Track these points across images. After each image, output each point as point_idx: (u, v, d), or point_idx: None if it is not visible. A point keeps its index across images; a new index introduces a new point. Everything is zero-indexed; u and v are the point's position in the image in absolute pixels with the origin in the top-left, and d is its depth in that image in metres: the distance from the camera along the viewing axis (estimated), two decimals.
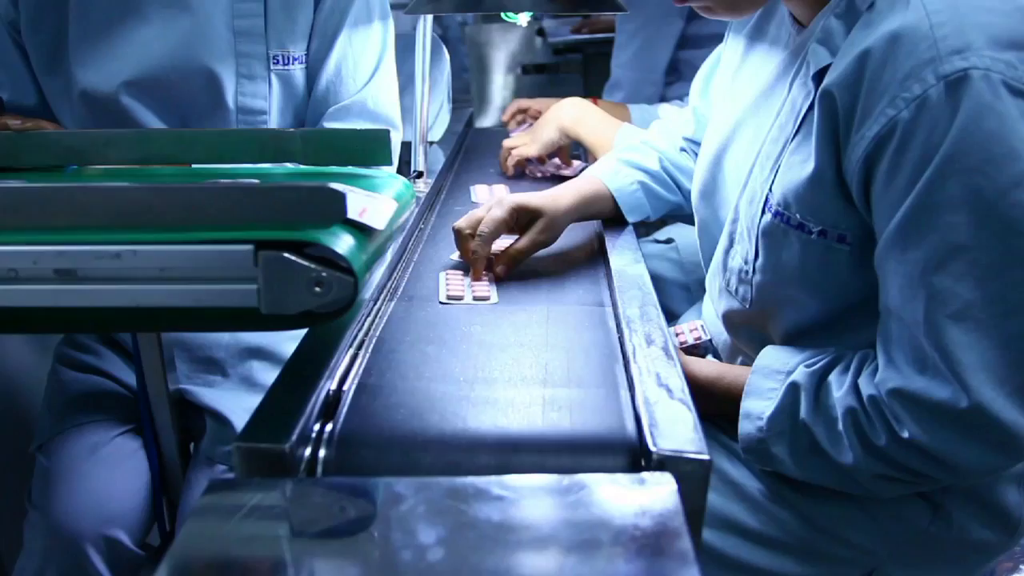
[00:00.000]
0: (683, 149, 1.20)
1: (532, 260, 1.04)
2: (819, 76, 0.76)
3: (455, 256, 1.03)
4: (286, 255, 0.62)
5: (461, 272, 1.00)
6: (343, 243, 0.65)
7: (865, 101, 0.70)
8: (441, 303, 0.92)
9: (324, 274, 0.63)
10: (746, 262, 0.87)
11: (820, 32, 0.77)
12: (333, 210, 0.64)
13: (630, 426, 0.66)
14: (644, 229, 1.86)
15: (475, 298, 0.92)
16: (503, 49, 2.61)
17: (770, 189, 0.82)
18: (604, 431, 0.66)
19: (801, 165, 0.78)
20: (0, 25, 1.15)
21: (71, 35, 1.12)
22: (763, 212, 0.83)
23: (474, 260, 0.98)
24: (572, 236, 1.12)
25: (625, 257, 1.03)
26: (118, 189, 0.66)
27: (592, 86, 2.71)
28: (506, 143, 1.48)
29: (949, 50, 0.66)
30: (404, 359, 0.78)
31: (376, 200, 0.76)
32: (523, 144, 1.45)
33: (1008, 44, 0.66)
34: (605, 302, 0.93)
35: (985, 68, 0.65)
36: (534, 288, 0.96)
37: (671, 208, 1.22)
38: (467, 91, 2.95)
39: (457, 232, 1.00)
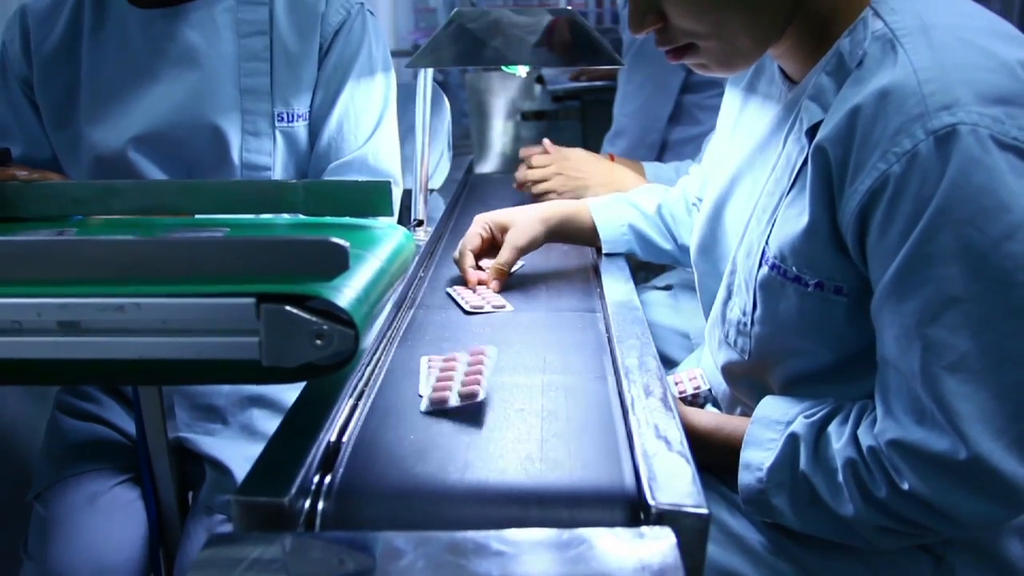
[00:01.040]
0: (694, 204, 1.22)
1: (529, 306, 1.05)
2: (812, 131, 0.78)
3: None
4: (288, 308, 0.63)
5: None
6: (344, 296, 0.65)
7: (857, 155, 0.72)
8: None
9: (325, 327, 0.63)
10: (744, 314, 0.87)
11: (812, 89, 0.79)
12: (335, 263, 0.65)
13: (629, 479, 0.66)
14: (644, 275, 1.87)
15: (472, 306, 1.01)
16: (503, 96, 2.65)
17: (767, 242, 0.83)
18: (603, 484, 0.66)
19: (797, 218, 0.79)
20: (14, 82, 1.18)
21: (82, 92, 1.15)
22: (760, 265, 0.84)
23: (462, 271, 1.10)
24: (570, 281, 1.13)
25: (623, 305, 1.03)
26: (122, 243, 0.66)
27: (590, 132, 2.74)
28: (535, 184, 1.53)
29: (937, 106, 0.67)
30: (403, 409, 0.79)
31: None
32: (552, 191, 1.51)
33: (994, 100, 0.67)
34: (603, 350, 0.93)
35: (973, 123, 0.66)
36: (531, 336, 0.97)
37: (666, 257, 1.24)
38: (467, 136, 2.99)
39: (455, 261, 1.13)
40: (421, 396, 0.81)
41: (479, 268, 1.12)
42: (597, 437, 0.73)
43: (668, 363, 1.45)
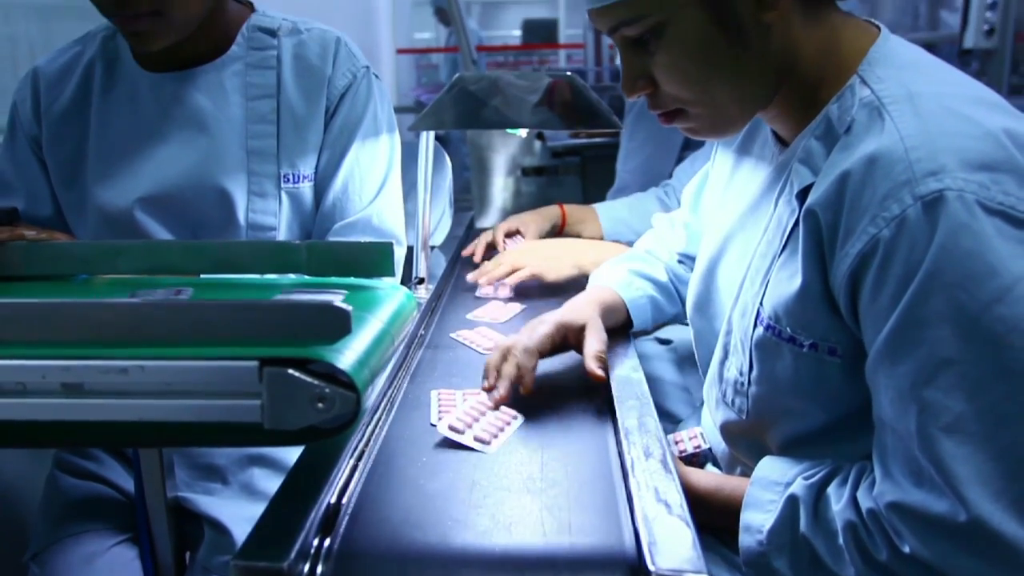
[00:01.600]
0: (681, 262, 1.23)
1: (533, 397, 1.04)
2: (802, 194, 0.79)
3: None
4: (290, 371, 0.63)
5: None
6: (346, 359, 0.66)
7: (847, 220, 0.73)
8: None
9: (327, 390, 0.64)
10: (741, 373, 0.88)
11: (802, 152, 0.81)
12: (338, 327, 0.66)
13: (629, 543, 0.66)
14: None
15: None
16: (503, 152, 2.68)
17: (761, 303, 0.84)
18: (603, 548, 0.66)
19: (789, 280, 0.80)
20: (23, 139, 1.20)
21: (90, 152, 1.16)
22: (755, 325, 0.85)
23: (502, 375, 0.95)
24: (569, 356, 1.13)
25: (623, 364, 1.04)
26: (127, 305, 0.67)
27: (590, 187, 2.77)
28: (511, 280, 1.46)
29: (924, 172, 0.69)
30: (403, 471, 0.79)
31: None
32: (530, 264, 1.44)
33: (979, 166, 0.69)
34: (603, 410, 0.93)
35: (959, 189, 0.68)
36: (530, 397, 0.97)
37: (669, 319, 1.25)
38: (468, 190, 3.02)
39: (493, 352, 0.99)
40: (434, 424, 0.89)
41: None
42: (597, 499, 0.73)
43: (670, 418, 1.45)
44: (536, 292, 1.43)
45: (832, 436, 0.84)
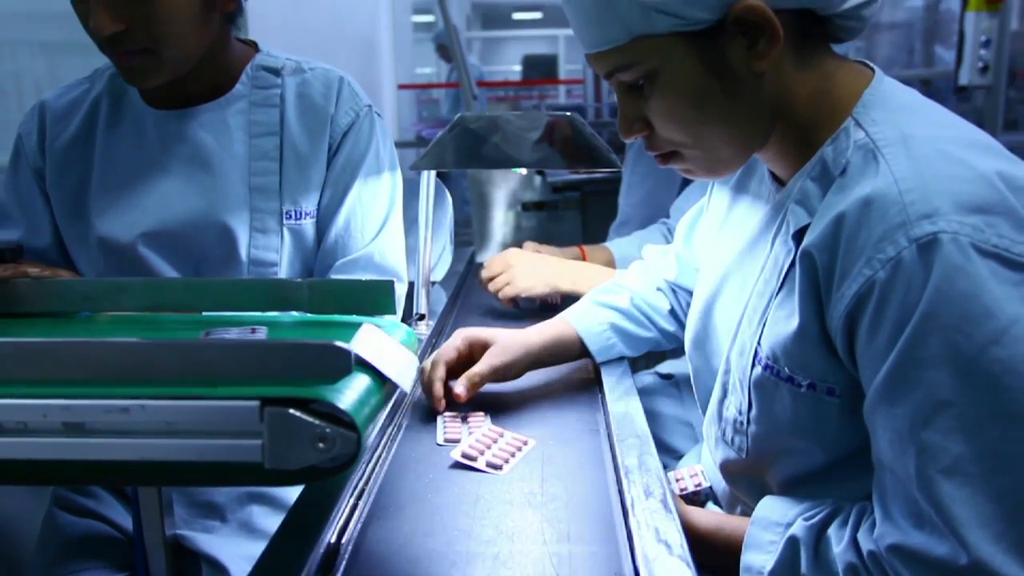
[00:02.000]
0: (659, 289, 1.24)
1: (527, 402, 1.05)
2: (799, 235, 0.80)
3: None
4: (291, 411, 0.64)
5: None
6: (347, 398, 0.66)
7: (843, 261, 0.74)
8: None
9: (328, 430, 0.64)
10: (740, 412, 0.88)
11: (797, 193, 0.82)
12: (339, 366, 0.66)
13: None
14: (644, 362, 1.88)
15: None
16: (504, 187, 2.70)
17: (759, 342, 0.85)
18: None
19: (786, 320, 0.81)
20: (26, 171, 1.21)
21: (94, 185, 1.17)
22: (753, 365, 0.85)
23: (429, 382, 1.05)
24: (568, 376, 1.14)
25: (622, 401, 1.04)
26: (129, 345, 0.68)
27: (590, 222, 2.79)
28: (490, 285, 1.52)
29: (918, 215, 0.70)
30: (403, 510, 0.79)
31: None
32: (506, 285, 1.49)
33: (972, 209, 0.69)
34: (603, 449, 0.93)
35: (953, 232, 0.68)
36: (529, 432, 0.97)
37: (650, 345, 1.25)
38: (468, 224, 3.04)
39: (420, 371, 1.07)
40: (440, 444, 0.94)
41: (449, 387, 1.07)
42: (598, 539, 0.73)
43: (671, 453, 1.45)
44: (515, 315, 1.46)
45: (833, 475, 0.84)
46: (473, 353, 1.11)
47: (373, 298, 0.91)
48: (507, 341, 1.11)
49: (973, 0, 2.89)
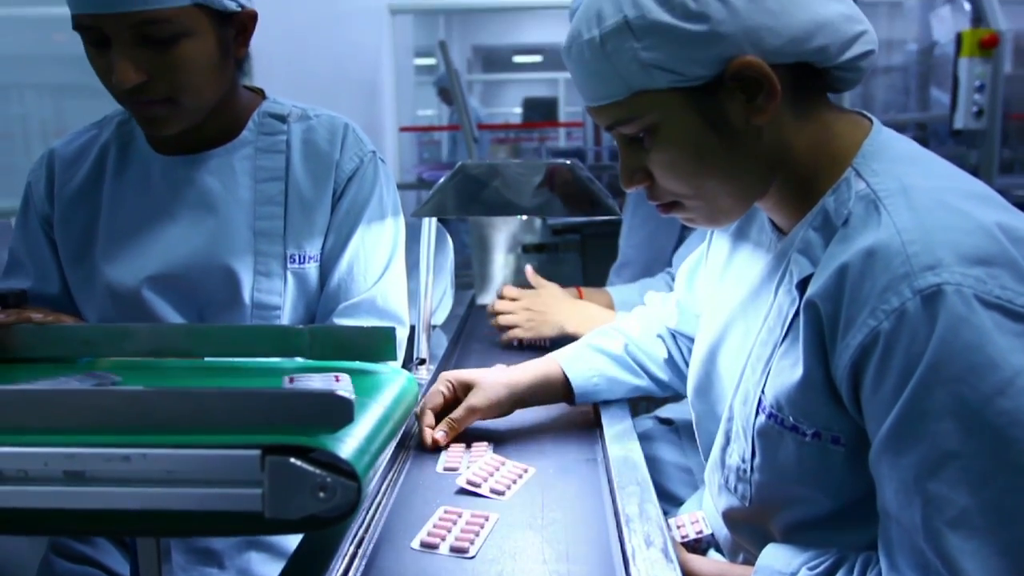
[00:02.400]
0: (659, 336, 1.24)
1: (527, 449, 1.06)
2: (802, 284, 0.80)
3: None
4: (292, 460, 0.64)
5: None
6: (347, 446, 0.67)
7: (847, 312, 0.74)
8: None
9: (329, 479, 0.64)
10: (743, 461, 0.88)
11: (800, 243, 0.83)
12: (340, 415, 0.66)
13: None
14: (644, 405, 1.88)
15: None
16: (504, 230, 2.72)
17: (762, 391, 0.85)
18: None
19: (791, 369, 0.81)
20: (34, 219, 1.22)
21: (100, 231, 1.19)
22: (757, 413, 0.85)
23: (420, 430, 1.09)
24: (568, 422, 1.14)
25: (622, 446, 1.04)
26: (130, 393, 0.68)
27: (590, 264, 2.81)
28: (501, 318, 1.56)
29: (921, 266, 0.70)
30: (402, 560, 0.78)
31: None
32: (517, 327, 1.54)
33: (975, 260, 0.70)
34: (604, 496, 0.93)
35: (957, 283, 0.69)
36: (530, 479, 0.97)
37: (639, 392, 1.25)
38: (468, 266, 3.04)
39: (415, 416, 1.11)
40: (440, 472, 0.99)
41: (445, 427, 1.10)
42: (596, 560, 0.72)
43: (671, 499, 1.44)
44: (518, 355, 1.48)
45: (836, 524, 0.83)
46: (458, 395, 1.13)
47: (375, 345, 0.91)
48: (489, 383, 1.13)
49: (966, 46, 2.94)
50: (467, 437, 1.09)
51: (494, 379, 1.14)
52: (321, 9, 3.15)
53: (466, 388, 1.13)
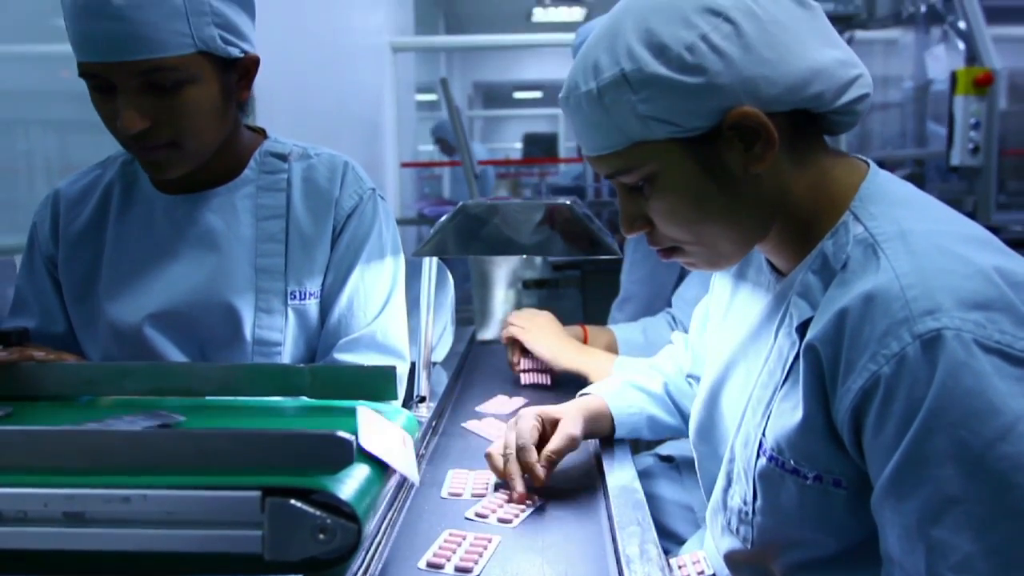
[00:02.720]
0: (688, 377, 1.25)
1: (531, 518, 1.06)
2: (802, 327, 0.81)
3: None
4: (292, 502, 0.64)
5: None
6: (348, 488, 0.67)
7: (848, 355, 0.74)
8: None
9: (329, 521, 0.64)
10: (745, 503, 0.88)
11: (799, 286, 0.83)
12: (341, 456, 0.66)
13: None
14: (645, 442, 1.87)
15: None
16: (504, 266, 2.74)
17: (763, 434, 0.85)
18: None
19: (791, 412, 0.81)
20: (39, 259, 1.23)
21: (103, 269, 1.20)
22: (758, 455, 0.85)
23: (511, 476, 1.04)
24: (569, 461, 1.14)
25: (623, 486, 1.03)
26: (130, 434, 0.68)
27: (590, 300, 2.81)
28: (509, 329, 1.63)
29: (920, 311, 0.71)
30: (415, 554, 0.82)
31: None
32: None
33: (973, 305, 0.70)
34: (604, 536, 0.93)
35: (956, 328, 0.69)
36: (530, 522, 0.97)
37: (671, 432, 1.26)
38: (469, 301, 3.06)
39: (490, 457, 1.08)
40: (444, 498, 1.04)
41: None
42: None
43: (672, 537, 1.43)
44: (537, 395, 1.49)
45: (839, 566, 0.83)
46: (546, 428, 1.12)
47: (376, 384, 0.92)
48: (573, 414, 1.14)
49: (961, 84, 2.98)
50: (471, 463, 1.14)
51: (574, 411, 1.15)
52: (325, 48, 3.20)
53: (554, 421, 1.13)
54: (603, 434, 1.22)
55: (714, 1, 0.78)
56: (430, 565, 0.86)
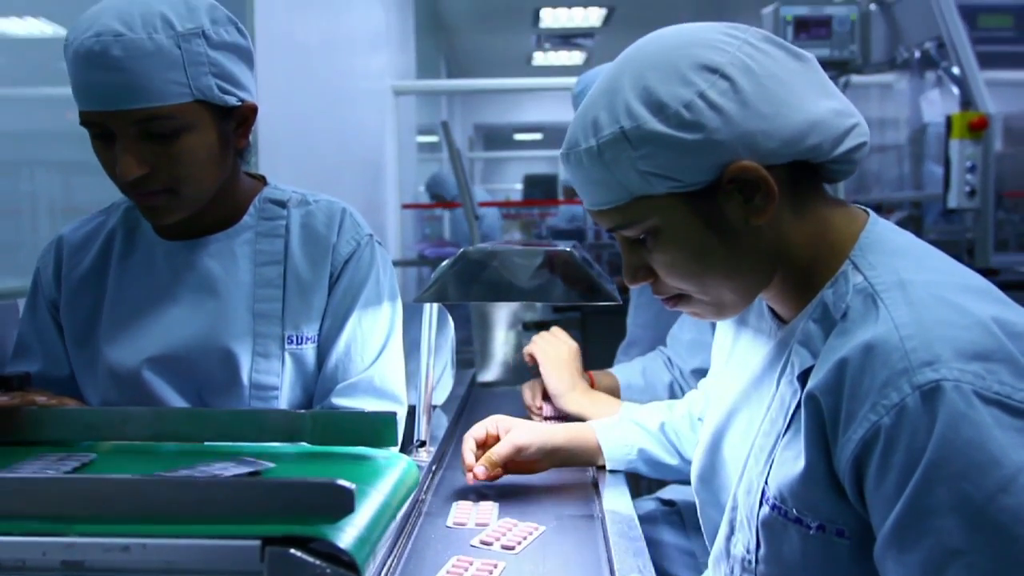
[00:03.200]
0: (700, 420, 1.25)
1: (533, 509, 1.07)
2: (803, 375, 0.81)
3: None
4: (292, 551, 0.64)
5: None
6: (348, 536, 0.66)
7: (848, 405, 0.74)
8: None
9: (328, 570, 0.64)
10: (748, 552, 0.87)
11: (800, 334, 0.83)
12: (341, 505, 0.66)
13: None
14: (647, 486, 1.86)
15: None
16: (505, 307, 2.74)
17: (766, 482, 0.84)
18: None
19: (793, 461, 0.81)
20: (42, 304, 1.24)
21: (104, 314, 1.21)
22: (761, 504, 0.85)
23: (463, 453, 1.21)
24: (569, 502, 1.14)
25: (624, 536, 1.03)
26: (130, 482, 0.68)
27: (591, 342, 2.81)
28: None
29: (920, 362, 0.71)
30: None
31: None
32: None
33: (972, 356, 0.71)
34: (599, 542, 0.93)
35: (955, 379, 0.70)
36: (530, 565, 0.96)
37: (671, 473, 1.26)
38: (469, 343, 3.06)
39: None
40: (450, 527, 1.09)
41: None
42: None
43: None
44: None
45: None
46: (500, 435, 1.22)
47: (375, 430, 0.92)
48: (527, 428, 1.23)
49: (956, 128, 3.01)
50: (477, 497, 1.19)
51: (533, 427, 1.25)
52: (328, 92, 3.24)
53: (507, 430, 1.23)
54: (590, 463, 1.28)
55: (710, 58, 0.80)
56: None
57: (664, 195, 0.82)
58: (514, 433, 1.20)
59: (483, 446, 1.23)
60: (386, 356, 1.27)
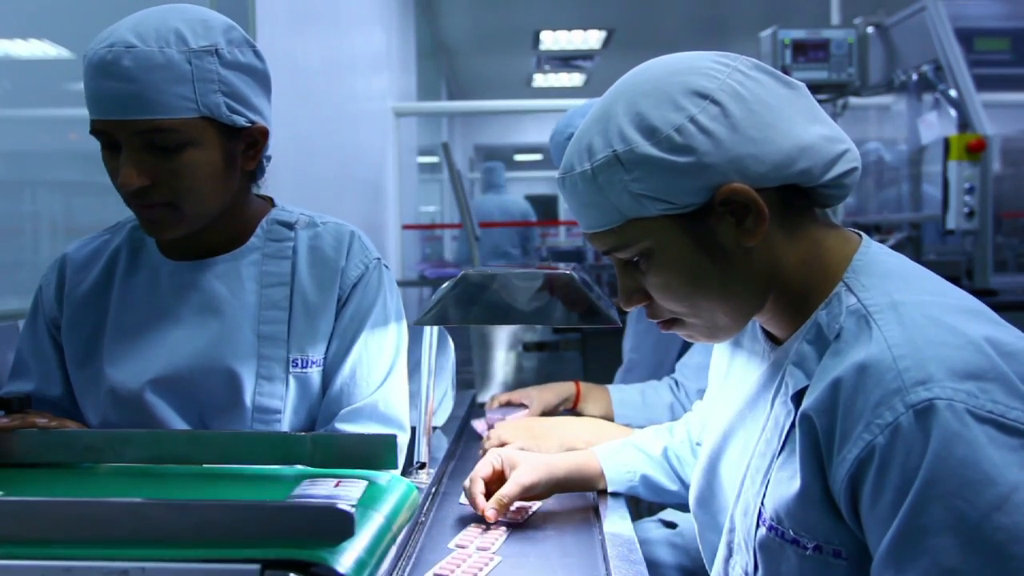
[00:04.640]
0: (697, 444, 1.25)
1: (531, 567, 1.05)
2: (798, 396, 0.82)
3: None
4: (291, 575, 0.64)
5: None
6: (347, 559, 0.67)
7: (842, 426, 0.75)
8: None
9: None
10: (747, 573, 0.87)
11: (795, 355, 0.84)
12: (341, 529, 0.66)
13: None
14: (648, 507, 1.85)
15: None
16: (505, 328, 2.74)
17: (762, 503, 0.85)
18: None
19: (789, 482, 0.81)
20: (43, 322, 1.24)
21: (106, 334, 1.20)
22: (758, 525, 0.85)
23: (472, 497, 1.18)
24: (570, 525, 1.14)
25: (624, 559, 1.02)
26: (130, 505, 0.68)
27: (591, 363, 2.82)
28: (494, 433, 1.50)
29: (912, 381, 0.72)
30: None
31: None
32: (516, 441, 1.45)
33: (965, 375, 0.71)
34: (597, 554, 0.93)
35: (948, 398, 0.70)
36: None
37: (672, 497, 1.25)
38: (469, 363, 3.05)
39: (464, 489, 1.21)
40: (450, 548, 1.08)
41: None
42: None
43: None
44: None
45: None
46: (505, 470, 1.21)
47: (376, 453, 0.92)
48: (532, 464, 1.21)
49: (954, 150, 3.02)
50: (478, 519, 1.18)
51: (537, 460, 1.23)
52: (329, 114, 3.26)
53: (512, 465, 1.21)
54: (593, 488, 1.28)
55: (700, 84, 0.81)
56: None
57: (657, 217, 0.83)
58: (519, 472, 1.19)
59: (491, 482, 1.21)
60: (391, 381, 1.26)
